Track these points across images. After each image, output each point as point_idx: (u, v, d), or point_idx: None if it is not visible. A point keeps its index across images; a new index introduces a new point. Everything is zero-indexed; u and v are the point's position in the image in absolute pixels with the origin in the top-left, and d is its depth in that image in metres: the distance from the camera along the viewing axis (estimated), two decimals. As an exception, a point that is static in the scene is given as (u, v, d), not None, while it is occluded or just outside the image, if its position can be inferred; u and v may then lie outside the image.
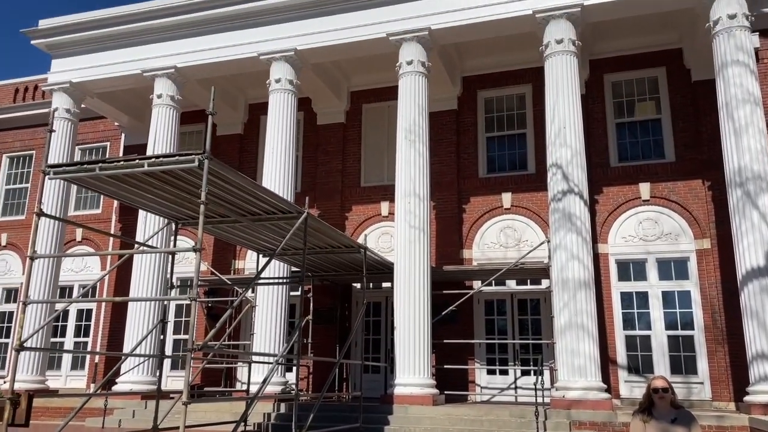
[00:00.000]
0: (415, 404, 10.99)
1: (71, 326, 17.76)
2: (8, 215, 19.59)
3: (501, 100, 15.78)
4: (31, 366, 14.28)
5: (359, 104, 16.70)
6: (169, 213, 9.26)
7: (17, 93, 20.48)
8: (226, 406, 11.49)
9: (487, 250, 14.78)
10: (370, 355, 15.19)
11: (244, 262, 16.63)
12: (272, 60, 14.03)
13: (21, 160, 20.09)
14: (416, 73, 12.94)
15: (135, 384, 13.08)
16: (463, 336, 14.01)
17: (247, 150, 17.46)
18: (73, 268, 18.14)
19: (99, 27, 15.48)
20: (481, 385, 14.09)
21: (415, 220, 12.14)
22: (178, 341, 16.48)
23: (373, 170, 16.27)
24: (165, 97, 14.82)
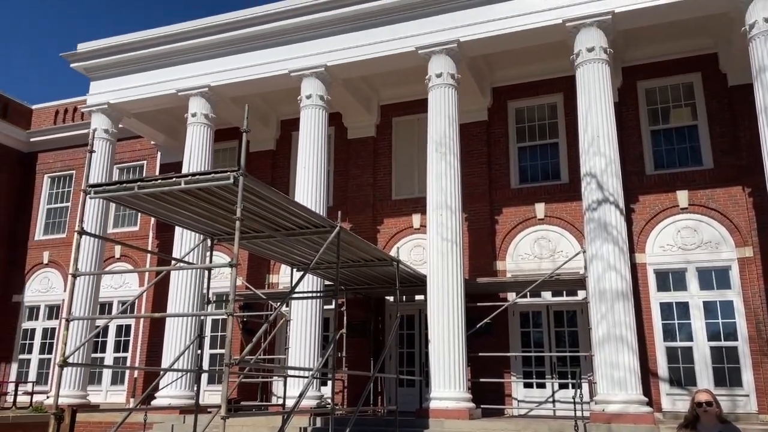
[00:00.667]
0: (451, 418, 10.89)
1: (111, 342, 18.12)
2: (50, 234, 20.15)
3: (532, 110, 15.69)
4: (73, 381, 14.60)
5: (389, 118, 16.79)
6: (204, 229, 9.42)
7: (57, 115, 21.15)
8: (263, 420, 11.56)
9: (521, 261, 14.63)
10: (405, 368, 15.12)
11: (278, 276, 16.77)
12: (303, 76, 14.21)
13: (62, 180, 20.69)
14: (446, 86, 12.95)
15: (173, 398, 13.25)
16: (499, 349, 13.85)
17: (279, 166, 17.67)
18: (112, 284, 18.54)
19: (134, 49, 15.91)
20: (518, 399, 13.90)
21: (448, 233, 12.09)
22: (215, 356, 16.67)
23: (404, 183, 16.29)
24: (199, 116, 15.12)
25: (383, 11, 13.72)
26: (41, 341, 19.15)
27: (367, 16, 13.86)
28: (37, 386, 17.80)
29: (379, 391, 15.07)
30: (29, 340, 19.32)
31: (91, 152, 7.90)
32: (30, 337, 19.34)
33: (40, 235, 20.21)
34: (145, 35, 15.75)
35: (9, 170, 20.64)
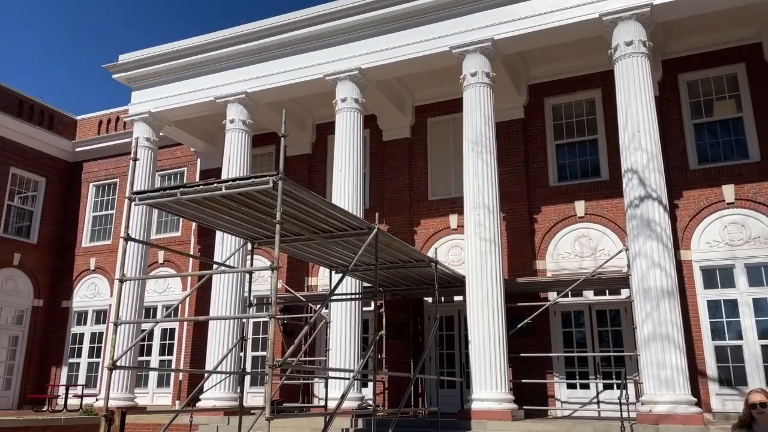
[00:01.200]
0: (493, 419, 10.79)
1: (156, 345, 18.54)
2: (96, 241, 20.74)
3: (569, 107, 15.46)
4: (121, 384, 15.00)
5: (424, 118, 16.77)
6: (245, 233, 9.57)
7: (101, 125, 21.76)
8: (305, 422, 11.66)
9: (562, 260, 14.43)
10: (445, 369, 15.06)
11: (316, 278, 16.91)
12: (337, 80, 14.31)
13: (106, 188, 21.28)
14: (481, 84, 12.87)
15: (217, 400, 13.49)
16: (540, 349, 13.69)
17: (316, 169, 17.83)
18: (156, 289, 18.97)
19: (173, 59, 16.27)
20: (561, 400, 13.70)
21: (486, 232, 12.01)
22: (256, 358, 16.90)
23: (441, 183, 16.25)
24: (237, 122, 15.37)
25: (416, 12, 13.72)
26: (89, 345, 19.72)
27: (400, 17, 13.89)
28: (86, 389, 18.36)
29: (419, 393, 15.04)
30: (78, 344, 19.91)
31: (135, 160, 8.11)
32: (79, 341, 19.93)
33: (86, 242, 20.82)
34: (183, 44, 16.09)
35: (56, 180, 21.34)
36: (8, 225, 19.84)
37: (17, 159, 20.10)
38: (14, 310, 19.73)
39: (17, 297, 19.76)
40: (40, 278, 20.42)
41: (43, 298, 20.39)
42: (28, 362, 19.70)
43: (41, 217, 20.74)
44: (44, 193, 20.96)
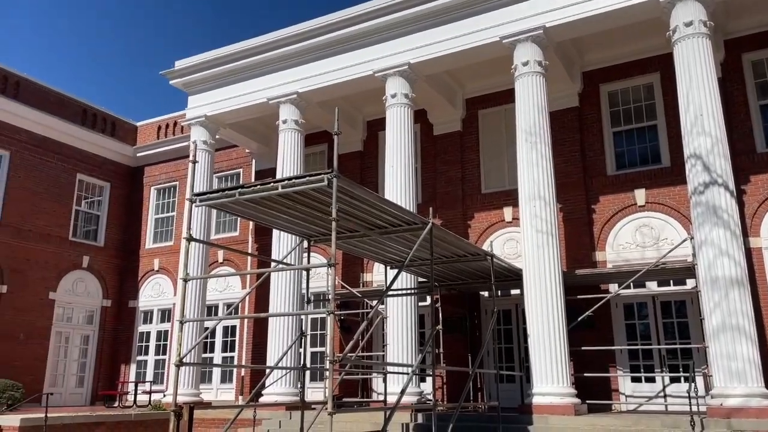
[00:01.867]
0: (555, 414, 10.61)
1: (219, 342, 19.07)
2: (159, 242, 21.48)
3: (626, 92, 15.01)
4: (187, 380, 15.50)
5: (475, 111, 16.60)
6: (301, 231, 9.71)
7: (160, 130, 22.49)
8: (365, 416, 11.76)
9: (622, 250, 14.03)
10: (504, 363, 14.91)
11: (371, 274, 17.01)
12: (387, 76, 14.31)
13: (166, 191, 21.99)
14: (533, 74, 12.63)
15: (279, 395, 13.76)
16: (602, 342, 13.37)
17: (367, 166, 17.91)
18: (217, 287, 19.49)
19: (226, 62, 16.63)
20: (626, 394, 13.34)
21: (542, 224, 11.80)
22: (315, 354, 17.15)
23: (494, 176, 16.06)
24: (289, 122, 15.59)
25: (464, 4, 13.57)
26: (155, 343, 20.45)
27: (447, 10, 13.77)
28: (154, 385, 19.06)
29: (478, 388, 14.94)
30: (145, 342, 20.68)
31: (194, 162, 8.34)
32: (146, 339, 20.70)
33: (150, 244, 21.58)
34: (234, 48, 16.43)
35: (120, 184, 22.19)
36: (77, 229, 20.76)
37: (83, 165, 20.99)
38: (85, 310, 20.65)
39: (87, 298, 20.68)
40: (108, 279, 21.29)
41: (111, 299, 21.27)
42: (99, 360, 20.59)
43: (107, 220, 21.62)
44: (109, 198, 21.83)
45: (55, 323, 19.52)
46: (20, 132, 19.15)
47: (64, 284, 19.92)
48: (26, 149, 19.31)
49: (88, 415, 13.05)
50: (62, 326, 19.83)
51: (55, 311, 19.54)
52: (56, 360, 19.50)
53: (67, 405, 19.02)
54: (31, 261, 18.98)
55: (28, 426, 11.60)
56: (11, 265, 18.39)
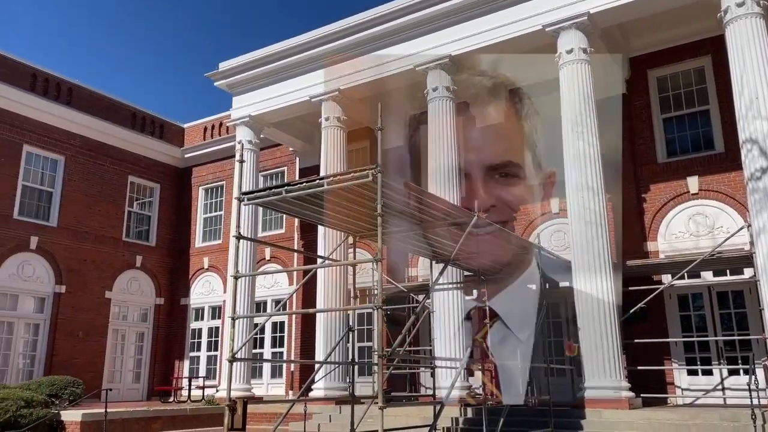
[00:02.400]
0: (609, 408, 10.41)
1: (268, 338, 19.40)
2: (208, 241, 21.97)
3: (676, 77, 14.54)
4: (239, 375, 15.81)
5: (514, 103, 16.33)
6: (347, 227, 9.77)
7: (206, 131, 22.98)
8: (414, 411, 11.78)
9: (675, 240, 13.63)
10: (554, 357, 14.66)
11: (416, 269, 16.98)
12: (428, 69, 14.24)
13: (214, 190, 22.46)
14: (578, 62, 12.37)
15: (328, 390, 13.92)
16: (656, 335, 13.02)
17: (411, 161, 17.85)
18: (265, 284, 19.80)
19: (268, 62, 16.85)
20: (682, 387, 12.97)
21: (590, 215, 11.55)
22: (362, 348, 17.25)
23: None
24: (332, 119, 15.70)
25: (506, -7, 13.38)
26: (207, 339, 20.95)
27: (486, 1, 13.57)
28: (207, 381, 19.53)
29: (528, 382, 14.75)
30: (197, 338, 21.20)
31: (241, 162, 8.49)
32: (197, 336, 21.22)
33: (199, 243, 22.09)
34: (276, 48, 16.62)
35: (169, 186, 22.78)
36: (129, 230, 21.42)
37: (134, 168, 21.63)
38: (139, 308, 21.31)
39: (141, 296, 21.33)
40: (160, 278, 21.90)
41: (163, 297, 21.88)
42: (153, 356, 21.23)
43: (158, 220, 22.24)
44: (159, 198, 22.44)
45: (111, 321, 20.20)
46: (74, 137, 19.86)
47: (119, 283, 20.60)
48: (80, 153, 20.01)
49: (145, 410, 13.47)
50: (118, 324, 20.52)
51: (111, 309, 20.24)
52: (113, 357, 20.20)
53: (124, 400, 19.69)
54: (88, 261, 19.68)
55: (90, 421, 12.05)
56: (69, 265, 19.11)
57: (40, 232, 18.55)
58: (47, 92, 19.46)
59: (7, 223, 17.74)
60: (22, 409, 11.41)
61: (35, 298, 18.40)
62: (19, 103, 18.36)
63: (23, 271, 18.10)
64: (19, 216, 18.17)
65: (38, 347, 18.24)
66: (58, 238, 18.96)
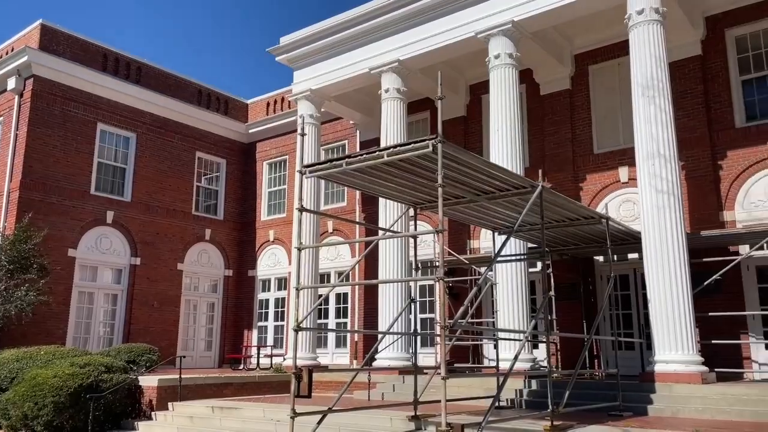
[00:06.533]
0: (680, 382, 10.07)
1: (332, 309, 19.78)
2: (273, 214, 22.47)
3: (756, 36, 13.61)
4: (304, 345, 16.25)
5: (585, 67, 15.76)
6: (407, 199, 9.74)
7: (269, 106, 23.33)
8: (477, 382, 11.78)
9: (754, 209, 12.91)
10: (622, 330, 14.32)
11: (478, 241, 16.84)
12: (489, 36, 13.87)
13: (278, 165, 22.86)
14: (650, 22, 11.73)
15: (391, 360, 14.09)
16: (732, 307, 12.46)
17: (471, 131, 17.61)
18: (328, 256, 20.13)
19: (327, 35, 16.84)
20: (759, 362, 12.41)
21: (662, 183, 11.06)
22: (424, 320, 17.34)
23: (607, 134, 15.24)
24: (392, 91, 15.59)
25: (571, -47, 12.79)
26: (274, 310, 21.56)
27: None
28: (274, 350, 20.16)
29: (594, 355, 14.48)
30: (264, 309, 21.85)
31: (303, 135, 8.56)
32: (265, 306, 21.87)
33: (264, 216, 22.63)
34: (335, 21, 16.58)
35: (235, 161, 23.34)
36: (198, 204, 22.14)
37: (201, 144, 22.26)
38: (209, 279, 22.11)
39: (211, 268, 22.11)
40: (229, 250, 22.61)
41: (232, 269, 22.60)
42: (224, 326, 22.05)
43: (225, 195, 22.87)
44: (225, 174, 23.04)
45: (183, 292, 21.07)
46: (144, 114, 20.57)
47: (189, 256, 21.40)
48: (150, 130, 20.73)
49: (217, 377, 14.04)
50: (190, 295, 21.37)
51: (183, 281, 21.09)
52: (186, 326, 21.10)
53: (197, 367, 20.61)
54: (160, 234, 20.52)
55: (165, 386, 12.66)
56: (143, 238, 19.98)
57: (116, 207, 19.43)
58: (117, 71, 20.19)
59: (84, 199, 18.67)
60: (103, 374, 12.09)
61: (113, 269, 19.37)
62: (92, 83, 19.13)
63: (101, 244, 19.05)
64: (95, 192, 19.07)
65: (117, 316, 19.26)
66: (132, 213, 19.82)
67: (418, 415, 9.04)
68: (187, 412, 11.95)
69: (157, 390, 12.55)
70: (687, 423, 8.49)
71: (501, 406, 10.67)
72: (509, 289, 12.61)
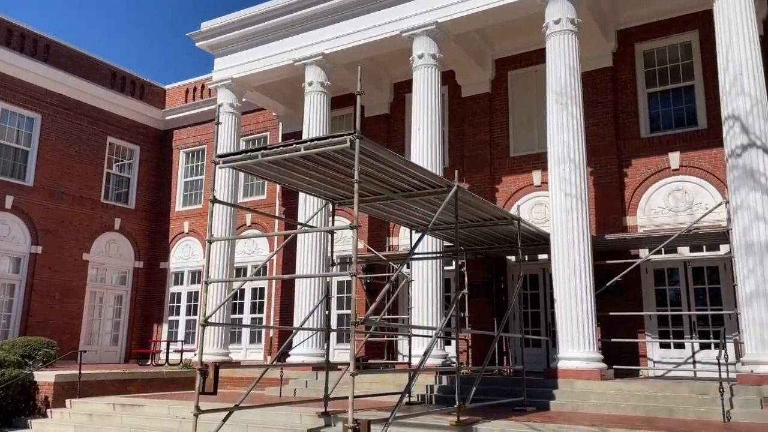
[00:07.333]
0: (581, 378, 10.55)
1: (247, 304, 19.39)
2: (188, 205, 21.75)
3: (662, 52, 14.45)
4: (216, 340, 15.82)
5: (504, 72, 16.20)
6: (325, 194, 9.67)
7: (188, 93, 22.53)
8: (390, 378, 11.87)
9: (654, 215, 13.71)
10: (530, 328, 14.85)
11: (397, 239, 16.98)
12: (414, 36, 13.99)
13: (195, 154, 22.14)
14: (565, 32, 12.19)
15: (306, 356, 13.96)
16: (631, 308, 13.18)
17: (394, 129, 17.72)
18: (245, 250, 19.72)
19: (252, 24, 16.45)
20: (654, 360, 13.20)
21: (571, 188, 11.54)
22: (342, 316, 17.31)
23: (523, 139, 15.74)
24: (315, 84, 15.43)
25: (494, -41, 13.09)
26: (186, 304, 20.89)
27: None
28: (185, 345, 19.54)
29: (503, 352, 14.94)
30: (176, 303, 21.14)
31: (218, 124, 8.31)
32: (177, 300, 21.15)
33: (179, 207, 21.87)
34: (261, 9, 16.22)
35: (149, 148, 22.41)
36: (108, 192, 21.12)
37: (113, 129, 21.22)
38: (118, 271, 21.14)
39: (120, 259, 21.14)
40: (140, 241, 21.70)
41: (142, 260, 21.70)
42: (132, 320, 21.15)
43: (137, 183, 21.92)
44: (139, 161, 22.09)
45: (89, 283, 20.03)
46: (52, 95, 19.38)
47: (97, 245, 20.37)
48: (58, 112, 19.56)
49: (120, 373, 13.44)
50: (96, 286, 20.36)
51: (89, 272, 20.04)
52: (91, 319, 20.08)
53: (102, 362, 19.66)
54: (65, 222, 19.41)
55: (63, 382, 12.00)
56: (46, 226, 18.83)
57: (16, 192, 18.21)
58: (23, 48, 18.90)
59: (-19, 182, 17.38)
60: (-6, 369, 11.33)
61: (11, 258, 18.15)
62: (-6, 58, 17.84)
63: (-2, 230, 17.83)
64: (-7, 175, 17.81)
65: (14, 308, 18.06)
66: (35, 198, 18.64)
67: (328, 411, 9.00)
68: (86, 410, 11.37)
69: (54, 386, 11.89)
70: (585, 418, 8.90)
71: (412, 402, 10.80)
72: (424, 286, 12.78)
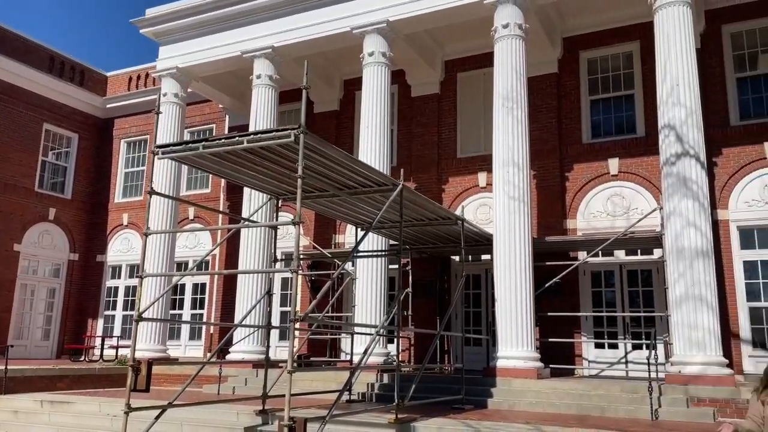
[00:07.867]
0: (518, 377, 10.76)
1: (188, 299, 18.93)
2: (128, 197, 21.07)
3: (606, 60, 14.88)
4: (153, 336, 15.37)
5: (454, 73, 16.35)
6: (270, 189, 9.53)
7: (131, 81, 21.82)
8: (332, 376, 11.81)
9: (593, 219, 14.12)
10: (471, 327, 15.05)
11: (344, 236, 16.92)
12: (365, 33, 13.96)
13: (137, 144, 21.47)
14: (513, 37, 12.40)
15: (246, 353, 13.73)
16: (569, 309, 13.54)
17: (343, 126, 17.64)
18: (187, 245, 19.25)
19: (200, 12, 16.06)
20: (589, 360, 13.59)
21: (514, 190, 11.75)
22: (285, 313, 17.11)
23: (470, 140, 15.93)
24: (264, 77, 15.19)
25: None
26: (124, 298, 20.24)
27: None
28: (122, 341, 18.92)
29: (445, 350, 15.09)
30: (113, 297, 20.45)
31: (158, 113, 8.06)
32: (114, 294, 20.46)
33: (119, 198, 21.16)
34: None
35: (88, 136, 21.58)
36: (43, 180, 20.23)
37: (50, 115, 20.33)
38: (51, 263, 20.28)
39: (53, 251, 20.29)
40: (75, 233, 20.88)
41: (78, 252, 20.90)
42: (65, 314, 20.33)
43: (74, 172, 21.08)
44: (77, 149, 21.25)
45: (20, 276, 19.16)
46: (-17, 77, 18.43)
47: (29, 236, 19.49)
48: (-10, 96, 18.62)
49: (50, 368, 12.90)
50: (27, 279, 19.48)
51: (20, 263, 19.17)
52: (21, 313, 19.21)
53: (31, 357, 18.83)
54: (-5, 211, 18.50)
55: (-12, 378, 11.44)
56: (-26, 215, 17.91)
57: (-59, 178, 17.23)
58: (-47, 26, 17.92)
59: None
60: None
61: (-66, 247, 17.17)
62: None
63: None
64: None
65: (-64, 300, 17.09)
66: (-38, 185, 17.69)
67: (266, 409, 8.87)
68: (11, 407, 10.85)
69: (-23, 383, 11.30)
70: (521, 416, 9.08)
71: (353, 400, 10.78)
72: (368, 284, 12.77)
